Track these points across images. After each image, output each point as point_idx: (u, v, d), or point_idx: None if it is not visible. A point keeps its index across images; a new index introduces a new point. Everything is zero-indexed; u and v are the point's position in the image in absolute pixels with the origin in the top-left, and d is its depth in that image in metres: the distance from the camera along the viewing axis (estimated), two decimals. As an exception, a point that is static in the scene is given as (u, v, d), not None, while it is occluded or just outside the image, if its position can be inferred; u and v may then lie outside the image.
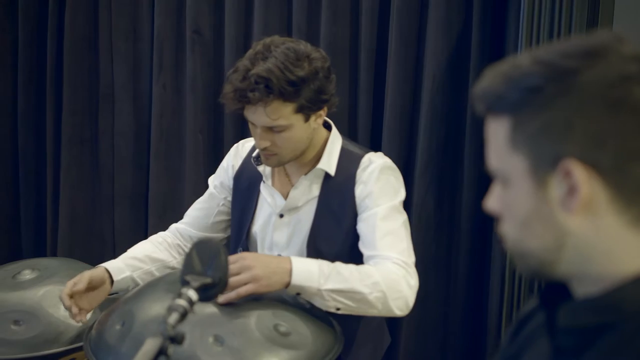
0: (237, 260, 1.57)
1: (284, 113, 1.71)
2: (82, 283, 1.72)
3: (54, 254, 3.19)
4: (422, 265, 2.42)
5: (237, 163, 2.00)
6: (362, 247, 1.79)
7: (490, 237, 2.68)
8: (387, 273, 1.68)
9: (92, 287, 1.76)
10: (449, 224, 2.72)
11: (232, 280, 1.51)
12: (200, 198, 2.09)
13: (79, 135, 3.17)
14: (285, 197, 1.89)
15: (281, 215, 1.90)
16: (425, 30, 2.66)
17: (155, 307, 1.53)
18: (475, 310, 2.74)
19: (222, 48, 2.95)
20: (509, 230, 0.84)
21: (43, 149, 3.23)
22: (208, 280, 1.21)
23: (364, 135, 2.75)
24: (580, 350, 0.79)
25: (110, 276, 1.81)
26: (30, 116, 3.25)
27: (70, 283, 1.72)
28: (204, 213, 2.06)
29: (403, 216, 1.83)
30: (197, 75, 2.96)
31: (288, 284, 1.60)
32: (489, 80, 0.82)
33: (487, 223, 2.69)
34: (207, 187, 2.96)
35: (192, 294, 1.16)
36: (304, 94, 1.70)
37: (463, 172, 2.68)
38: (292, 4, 2.83)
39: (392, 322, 2.55)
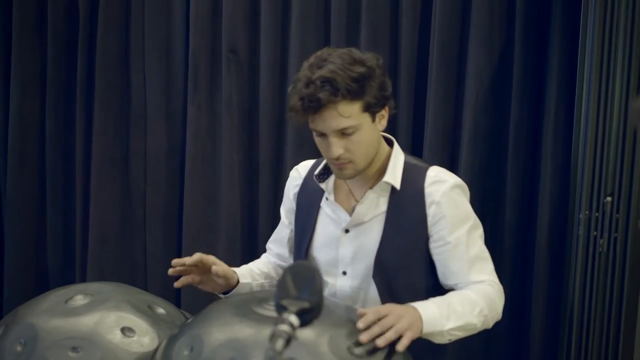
0: (378, 313, 1.58)
1: (353, 112, 1.74)
2: (217, 263, 1.86)
3: (83, 276, 3.13)
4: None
5: (298, 184, 2.01)
6: (451, 277, 1.85)
7: (532, 257, 2.64)
8: (486, 296, 1.78)
9: (216, 273, 1.86)
10: (492, 245, 2.67)
11: (392, 330, 1.54)
12: (276, 228, 2.16)
13: (109, 155, 3.10)
14: (349, 212, 1.89)
15: (347, 231, 1.89)
16: (466, 49, 2.64)
17: (224, 331, 1.50)
18: (517, 331, 2.71)
19: (257, 68, 2.91)
20: None
21: (72, 170, 3.17)
22: (306, 304, 1.17)
23: (404, 155, 2.72)
24: None
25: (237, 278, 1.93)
26: (59, 136, 3.17)
27: (205, 256, 1.85)
28: (279, 243, 2.13)
29: (479, 230, 1.90)
30: (233, 95, 2.92)
31: (421, 331, 1.65)
32: None
33: (529, 243, 2.66)
34: (242, 208, 2.97)
35: (294, 319, 1.14)
36: (368, 91, 1.74)
37: (506, 192, 2.65)
38: (330, 24, 2.80)
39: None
